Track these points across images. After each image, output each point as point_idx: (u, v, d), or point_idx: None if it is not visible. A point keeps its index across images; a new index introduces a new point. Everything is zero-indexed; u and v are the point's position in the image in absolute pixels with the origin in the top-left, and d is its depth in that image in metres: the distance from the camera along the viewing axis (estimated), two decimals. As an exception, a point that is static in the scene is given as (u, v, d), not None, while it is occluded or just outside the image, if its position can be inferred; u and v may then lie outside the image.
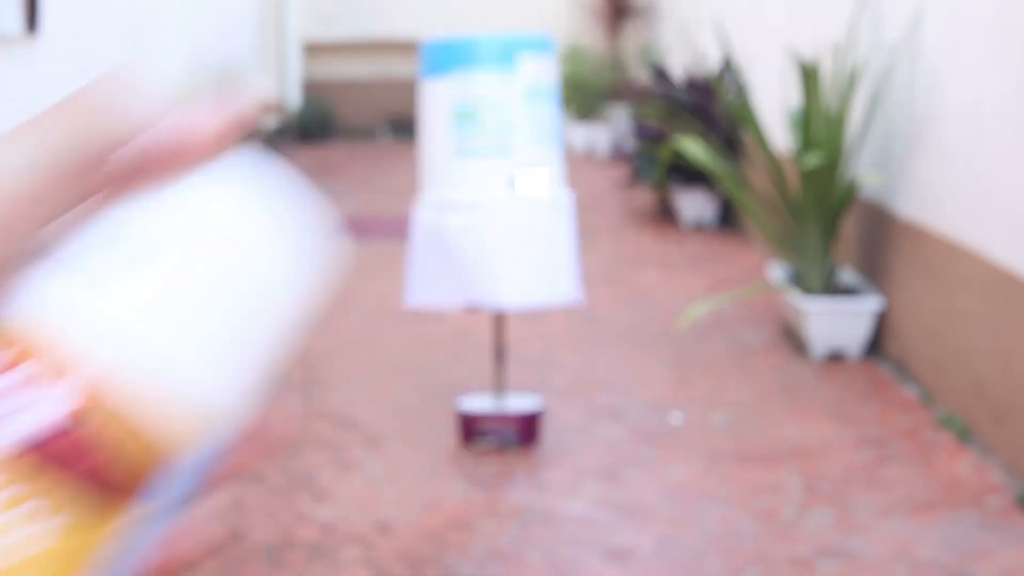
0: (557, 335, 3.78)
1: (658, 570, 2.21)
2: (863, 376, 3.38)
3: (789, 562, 2.23)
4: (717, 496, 2.55)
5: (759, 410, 3.10)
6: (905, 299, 3.40)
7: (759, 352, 3.61)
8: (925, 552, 2.28)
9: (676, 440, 2.88)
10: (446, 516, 2.43)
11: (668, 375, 3.38)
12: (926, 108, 3.28)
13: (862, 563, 2.24)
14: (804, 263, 3.68)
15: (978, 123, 2.92)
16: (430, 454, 2.79)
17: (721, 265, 4.86)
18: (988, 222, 2.84)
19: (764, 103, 5.12)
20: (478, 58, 2.59)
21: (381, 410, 3.09)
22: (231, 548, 2.29)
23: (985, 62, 2.89)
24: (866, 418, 3.04)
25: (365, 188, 6.86)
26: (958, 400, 2.98)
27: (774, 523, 2.41)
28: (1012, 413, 2.67)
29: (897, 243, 3.48)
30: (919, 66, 3.34)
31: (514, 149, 2.62)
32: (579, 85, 8.85)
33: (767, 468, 2.71)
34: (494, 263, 2.60)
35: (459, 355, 3.58)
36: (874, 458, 2.77)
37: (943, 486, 2.60)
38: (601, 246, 5.20)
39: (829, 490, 2.58)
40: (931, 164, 3.24)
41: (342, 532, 2.36)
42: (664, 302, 4.22)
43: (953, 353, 3.02)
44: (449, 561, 2.24)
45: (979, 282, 2.88)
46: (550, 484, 2.61)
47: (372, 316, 4.02)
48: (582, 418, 3.02)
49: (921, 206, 3.30)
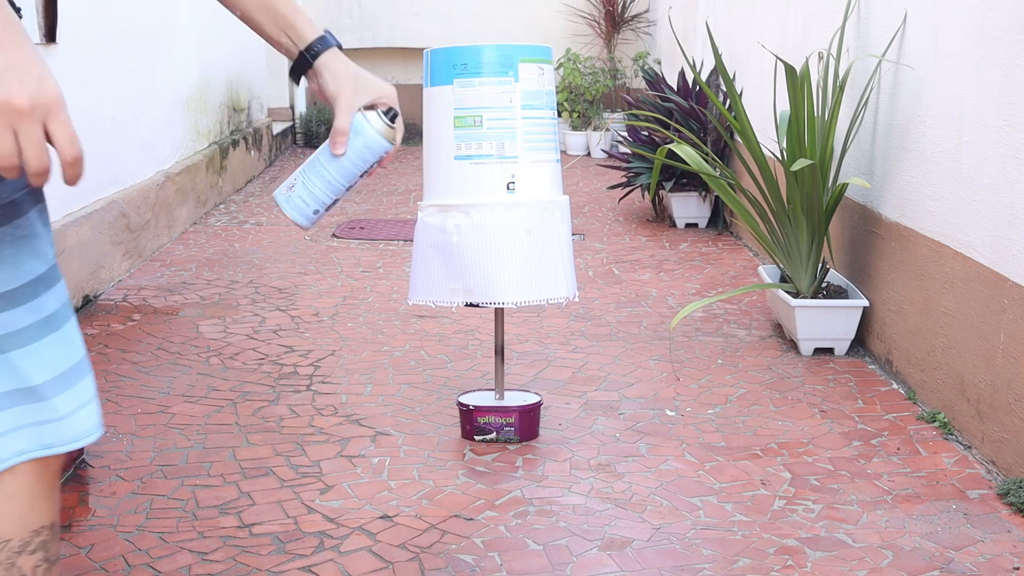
0: (554, 334, 3.83)
1: (653, 560, 2.25)
2: (850, 373, 3.43)
3: (779, 552, 2.28)
4: (709, 488, 2.60)
5: (749, 405, 3.15)
6: (890, 298, 3.44)
7: (749, 349, 3.66)
8: (910, 542, 2.33)
9: (670, 434, 2.94)
10: (448, 507, 2.48)
11: (661, 371, 3.42)
12: (910, 114, 3.32)
13: (849, 553, 2.28)
14: (793, 264, 3.73)
15: (960, 128, 2.97)
16: (432, 448, 2.83)
17: (713, 266, 4.90)
18: (970, 224, 2.89)
19: (754, 108, 5.19)
20: (479, 66, 2.62)
21: (385, 405, 3.14)
22: (240, 537, 2.35)
23: (967, 70, 2.93)
24: (853, 413, 3.09)
25: (370, 191, 6.90)
26: (941, 396, 3.03)
27: (764, 514, 2.46)
28: (993, 408, 2.72)
29: (883, 244, 3.53)
30: (903, 73, 3.39)
31: (513, 154, 2.65)
32: (576, 92, 8.90)
33: (757, 461, 2.76)
34: (494, 262, 2.63)
35: (460, 352, 3.63)
36: (860, 452, 2.82)
37: (927, 479, 2.65)
38: (596, 247, 5.26)
39: (817, 482, 2.63)
40: (915, 168, 3.28)
41: (347, 523, 2.41)
42: (657, 301, 4.27)
43: (936, 350, 3.07)
44: (451, 551, 2.28)
45: (962, 282, 2.92)
46: (548, 477, 2.65)
47: (376, 314, 4.07)
48: (579, 413, 3.07)
49: (906, 209, 3.35)
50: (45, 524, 1.19)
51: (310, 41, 1.39)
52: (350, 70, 1.39)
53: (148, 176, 5.09)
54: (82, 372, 1.19)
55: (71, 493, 2.57)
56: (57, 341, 1.17)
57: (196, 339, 3.76)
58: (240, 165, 6.91)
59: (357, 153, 1.39)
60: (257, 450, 2.82)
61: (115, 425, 2.98)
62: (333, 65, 1.39)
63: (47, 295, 1.16)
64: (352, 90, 1.38)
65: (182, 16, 5.73)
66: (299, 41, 1.39)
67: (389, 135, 1.40)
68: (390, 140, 1.40)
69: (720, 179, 3.82)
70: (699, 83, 4.84)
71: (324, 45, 1.39)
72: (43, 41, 3.85)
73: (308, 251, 5.16)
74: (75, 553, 2.29)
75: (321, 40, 1.40)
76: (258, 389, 3.28)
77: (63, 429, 1.17)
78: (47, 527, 1.19)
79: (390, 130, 1.40)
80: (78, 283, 4.13)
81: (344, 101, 1.38)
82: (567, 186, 7.08)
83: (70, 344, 1.18)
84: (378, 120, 1.39)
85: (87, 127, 4.31)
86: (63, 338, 1.17)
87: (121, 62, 4.75)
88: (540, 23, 9.31)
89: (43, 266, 1.17)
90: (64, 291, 1.20)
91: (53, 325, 1.17)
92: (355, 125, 1.39)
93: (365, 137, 1.38)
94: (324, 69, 1.39)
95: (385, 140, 1.39)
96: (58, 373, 1.16)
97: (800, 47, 4.54)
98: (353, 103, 1.38)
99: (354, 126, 1.39)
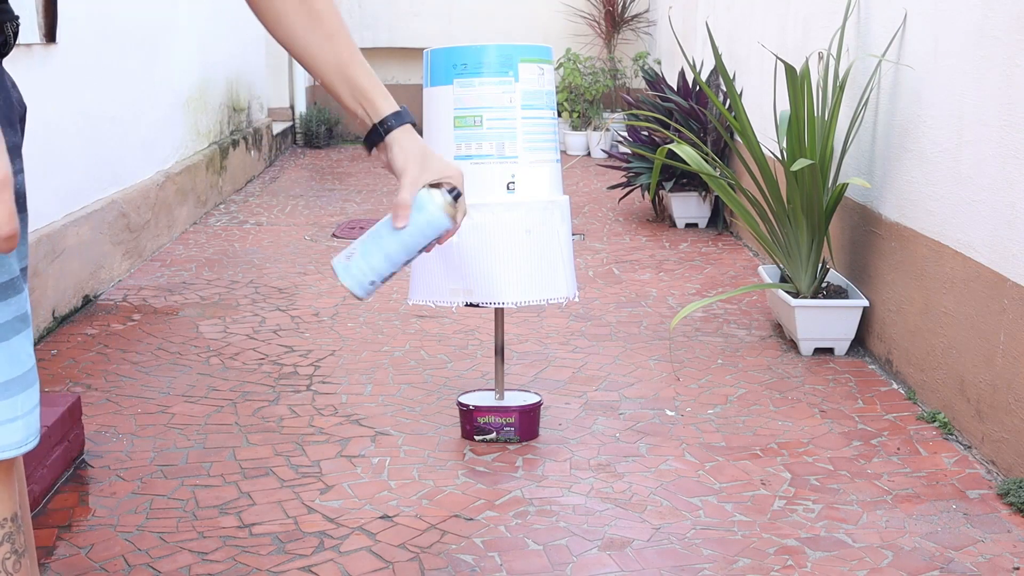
0: (554, 334, 3.83)
1: (653, 560, 2.25)
2: (850, 373, 3.43)
3: (779, 552, 2.29)
4: (709, 488, 2.60)
5: (749, 405, 3.15)
6: (890, 298, 3.45)
7: (749, 349, 3.67)
8: (910, 542, 2.33)
9: (670, 434, 2.94)
10: (448, 507, 2.48)
11: (661, 371, 3.43)
12: (910, 114, 3.32)
13: (849, 553, 2.28)
14: (793, 264, 3.73)
15: (960, 128, 2.97)
16: (432, 448, 2.83)
17: (713, 266, 4.91)
18: (970, 224, 2.89)
19: (754, 108, 5.19)
20: (479, 66, 2.62)
21: (385, 405, 3.15)
22: (240, 537, 2.36)
23: (967, 70, 2.94)
24: (853, 413, 3.09)
25: (370, 191, 6.90)
26: (941, 396, 3.04)
27: (764, 514, 2.46)
28: (993, 408, 2.72)
29: (883, 244, 3.53)
30: (903, 73, 3.40)
31: (513, 154, 2.65)
32: (576, 92, 8.90)
33: (757, 461, 2.76)
34: (494, 262, 2.64)
35: (460, 352, 3.63)
36: (860, 452, 2.82)
37: (927, 479, 2.65)
38: (596, 247, 5.26)
39: (817, 482, 2.63)
40: (915, 168, 3.28)
41: (347, 523, 2.41)
42: (657, 301, 4.27)
43: (936, 350, 3.08)
44: (451, 551, 2.28)
45: (962, 282, 2.92)
46: (548, 477, 2.66)
47: (376, 314, 4.07)
48: (579, 413, 3.07)
49: (906, 209, 3.35)
50: (7, 516, 1.20)
51: (384, 115, 1.42)
52: (420, 149, 1.42)
53: (148, 176, 5.09)
54: (24, 385, 1.20)
55: (71, 493, 2.57)
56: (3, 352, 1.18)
57: (196, 339, 3.76)
58: (240, 165, 6.91)
59: (418, 228, 1.41)
60: (257, 450, 2.82)
61: (115, 425, 2.98)
62: (403, 141, 1.41)
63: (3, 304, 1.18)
64: (419, 167, 1.41)
65: (182, 16, 5.73)
66: (374, 114, 1.42)
67: (452, 212, 1.42)
68: (452, 218, 1.42)
69: (720, 179, 3.82)
70: (699, 83, 4.85)
71: (398, 121, 1.42)
72: (43, 41, 3.85)
73: (308, 251, 5.16)
74: (75, 553, 2.29)
75: (396, 115, 1.42)
76: (258, 389, 3.28)
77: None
78: (8, 519, 1.20)
79: (452, 208, 1.41)
80: (78, 283, 4.13)
81: (410, 176, 1.41)
82: (567, 186, 7.08)
83: (15, 356, 1.19)
84: (441, 197, 1.41)
85: (87, 127, 4.31)
86: (9, 349, 1.19)
87: (121, 62, 4.75)
88: (540, 23, 9.31)
89: (6, 275, 1.18)
90: (24, 303, 1.21)
91: (4, 335, 1.18)
92: (418, 200, 1.41)
93: (427, 213, 1.40)
94: (394, 144, 1.42)
95: (447, 217, 1.41)
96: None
97: (800, 47, 4.54)
98: (419, 179, 1.41)
99: (417, 201, 1.41)
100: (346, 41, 1.40)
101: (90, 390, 3.25)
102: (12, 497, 1.22)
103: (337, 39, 1.39)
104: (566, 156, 8.66)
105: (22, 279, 1.23)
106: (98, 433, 2.92)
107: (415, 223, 1.41)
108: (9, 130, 1.22)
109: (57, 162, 4.01)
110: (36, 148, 3.76)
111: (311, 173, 7.69)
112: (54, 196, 3.99)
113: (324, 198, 6.63)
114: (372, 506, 2.49)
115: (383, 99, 1.42)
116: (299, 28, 1.37)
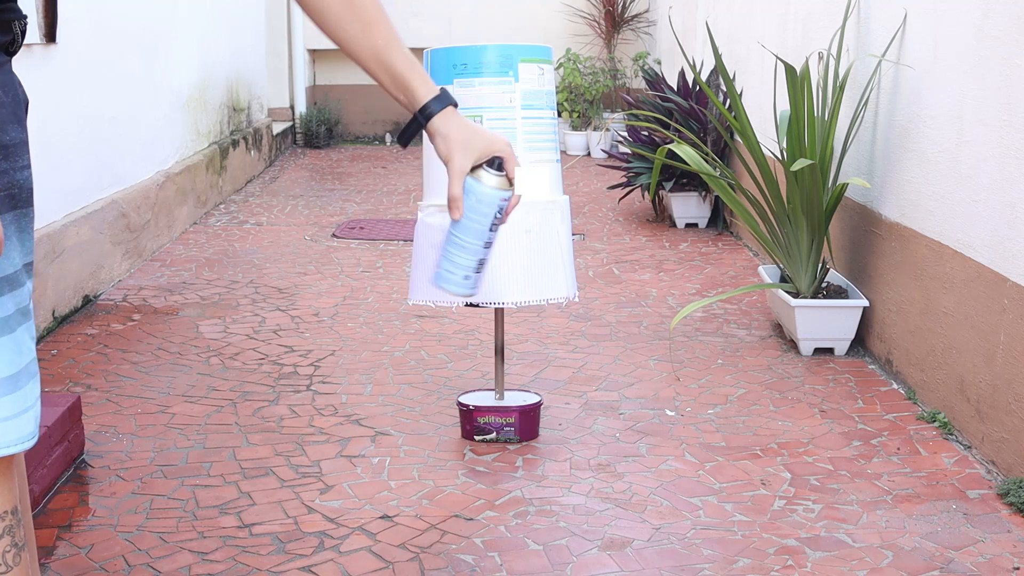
0: (555, 334, 3.83)
1: (653, 560, 2.25)
2: (850, 373, 3.43)
3: (779, 552, 2.29)
4: (709, 488, 2.60)
5: (749, 405, 3.15)
6: (890, 298, 3.45)
7: (749, 349, 3.67)
8: (910, 542, 2.33)
9: (670, 434, 2.94)
10: (448, 507, 2.48)
11: (661, 371, 3.43)
12: (910, 114, 3.32)
13: (849, 553, 2.28)
14: (793, 264, 3.73)
15: (960, 128, 2.97)
16: (432, 448, 2.83)
17: (713, 266, 4.91)
18: (970, 224, 2.89)
19: (754, 108, 5.20)
20: (479, 66, 2.63)
21: (385, 405, 3.15)
22: (240, 537, 2.36)
23: (967, 70, 2.94)
24: (853, 413, 3.09)
25: (370, 191, 6.90)
26: (941, 396, 3.04)
27: (764, 514, 2.46)
28: (993, 408, 2.72)
29: (883, 244, 3.53)
30: (903, 73, 3.40)
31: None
32: (576, 92, 8.90)
33: (757, 461, 2.76)
34: (494, 262, 2.63)
35: (460, 352, 3.63)
36: (860, 452, 2.82)
37: (927, 479, 2.65)
38: (596, 247, 5.26)
39: (817, 482, 2.63)
40: (915, 168, 3.28)
41: (347, 523, 2.41)
42: (657, 301, 4.27)
43: (936, 351, 3.08)
44: (451, 551, 2.29)
45: (962, 282, 2.92)
46: (548, 477, 2.66)
47: (376, 314, 4.07)
48: (579, 413, 3.07)
49: (906, 209, 3.35)
50: (7, 509, 1.20)
51: (424, 102, 1.40)
52: (461, 133, 1.41)
53: (148, 176, 5.09)
54: (29, 376, 1.21)
55: (71, 493, 2.57)
56: (10, 343, 1.18)
57: (196, 339, 3.76)
58: (240, 165, 6.92)
59: (474, 210, 1.44)
60: (257, 450, 2.82)
61: (115, 425, 2.98)
62: (444, 129, 1.41)
63: (6, 297, 1.18)
64: (462, 154, 1.41)
65: (182, 16, 5.73)
66: (414, 102, 1.41)
67: (501, 184, 1.43)
68: (504, 188, 1.43)
69: (720, 179, 3.82)
70: (699, 83, 4.85)
71: (439, 105, 1.41)
72: (43, 41, 3.85)
73: (308, 251, 5.16)
74: (75, 553, 2.29)
75: (436, 99, 1.41)
76: (258, 389, 3.28)
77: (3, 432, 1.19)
78: (9, 512, 1.21)
79: (499, 179, 1.42)
80: (78, 283, 4.13)
81: (454, 166, 1.41)
82: (567, 186, 7.08)
83: (20, 348, 1.20)
84: (485, 175, 1.43)
85: (87, 127, 4.31)
86: (15, 341, 1.19)
87: (121, 62, 4.75)
88: (540, 23, 9.31)
89: (8, 268, 1.19)
90: (26, 296, 1.21)
91: (10, 326, 1.18)
92: (466, 187, 1.43)
93: (476, 195, 1.43)
94: (436, 133, 1.42)
95: (497, 190, 1.43)
96: (6, 375, 1.18)
97: (800, 47, 4.54)
98: (463, 167, 1.41)
99: (466, 187, 1.43)
100: (384, 29, 1.38)
101: (90, 390, 3.25)
102: (12, 491, 1.23)
103: (374, 27, 1.38)
104: (566, 156, 8.66)
105: (25, 273, 1.23)
106: (98, 433, 2.92)
107: (469, 207, 1.44)
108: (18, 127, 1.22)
109: (57, 162, 4.01)
110: (36, 148, 3.76)
111: (311, 173, 7.69)
112: (54, 196, 3.99)
113: (324, 198, 6.64)
114: (372, 506, 2.49)
115: (421, 83, 1.40)
116: (339, 19, 1.37)
